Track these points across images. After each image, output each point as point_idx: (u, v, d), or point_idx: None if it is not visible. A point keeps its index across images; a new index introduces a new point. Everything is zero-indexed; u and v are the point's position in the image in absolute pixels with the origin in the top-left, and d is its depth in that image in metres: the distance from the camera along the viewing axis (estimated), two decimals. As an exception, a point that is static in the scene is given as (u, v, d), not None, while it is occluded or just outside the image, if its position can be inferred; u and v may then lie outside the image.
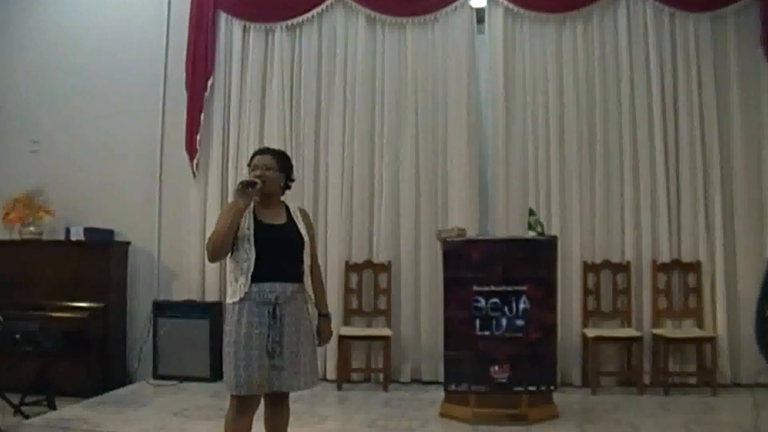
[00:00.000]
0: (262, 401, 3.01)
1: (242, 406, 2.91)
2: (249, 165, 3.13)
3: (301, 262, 3.05)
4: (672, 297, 5.60)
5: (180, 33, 6.14)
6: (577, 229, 5.68)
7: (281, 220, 3.08)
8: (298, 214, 3.17)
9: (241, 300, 2.90)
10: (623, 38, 5.76)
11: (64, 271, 5.65)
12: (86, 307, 5.57)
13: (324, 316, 3.20)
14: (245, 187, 2.95)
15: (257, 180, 2.98)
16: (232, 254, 2.97)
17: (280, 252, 2.98)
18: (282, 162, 3.14)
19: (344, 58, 6.03)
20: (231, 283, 2.97)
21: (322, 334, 3.17)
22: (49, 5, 6.51)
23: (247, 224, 2.97)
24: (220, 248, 2.94)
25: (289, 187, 3.22)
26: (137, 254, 6.11)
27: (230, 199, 3.23)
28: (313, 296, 3.18)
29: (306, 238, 3.08)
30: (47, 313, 5.40)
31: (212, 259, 3.05)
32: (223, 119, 6.11)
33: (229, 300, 2.96)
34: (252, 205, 3.02)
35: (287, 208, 3.14)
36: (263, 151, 3.17)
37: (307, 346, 3.00)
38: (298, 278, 3.03)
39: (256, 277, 2.91)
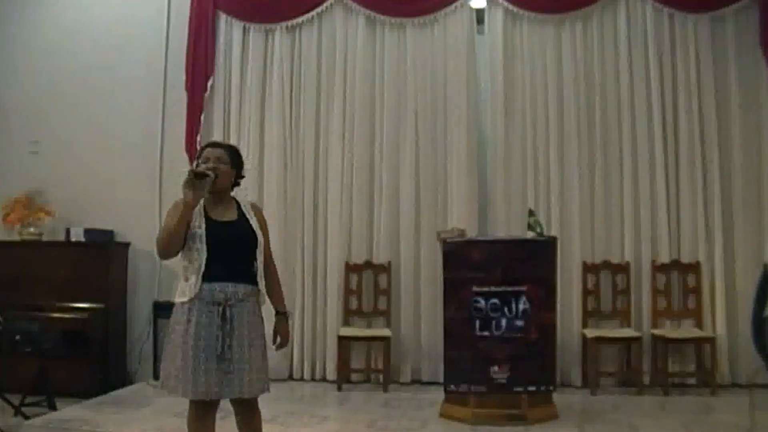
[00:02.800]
0: (228, 403, 2.90)
1: (199, 409, 2.81)
2: (198, 158, 2.96)
3: (254, 261, 2.90)
4: (671, 297, 5.61)
5: (180, 33, 6.14)
6: (577, 230, 5.68)
7: (232, 216, 2.93)
8: (250, 209, 3.01)
9: (191, 300, 2.79)
10: (622, 39, 5.77)
11: (64, 271, 5.64)
12: (86, 307, 5.57)
13: (282, 314, 3.03)
14: (196, 177, 2.75)
15: (209, 172, 2.81)
16: (183, 252, 2.85)
17: (232, 251, 2.85)
18: (234, 157, 2.99)
19: (344, 58, 6.03)
20: (181, 282, 2.87)
21: (281, 335, 3.00)
22: (48, 5, 6.50)
23: (198, 222, 2.83)
24: (169, 245, 2.80)
25: (238, 184, 3.06)
26: (137, 255, 6.10)
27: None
28: (266, 297, 2.99)
29: (259, 235, 2.93)
30: (47, 313, 5.40)
31: (163, 256, 2.88)
32: (223, 120, 6.11)
33: (177, 299, 2.86)
34: (202, 201, 2.85)
35: (238, 204, 2.99)
36: (215, 145, 3.04)
37: (258, 350, 2.86)
38: (252, 279, 2.88)
39: (207, 277, 2.79)
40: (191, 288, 2.80)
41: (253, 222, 2.96)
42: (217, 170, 2.85)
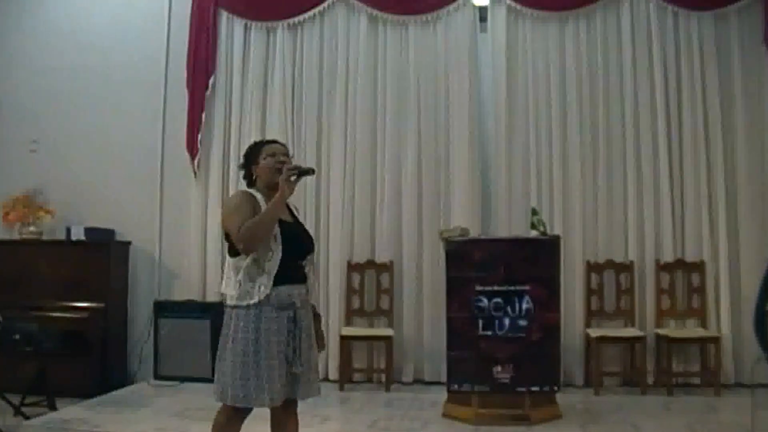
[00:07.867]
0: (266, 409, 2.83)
1: (239, 415, 2.75)
2: (258, 153, 2.84)
3: (307, 262, 2.88)
4: (675, 297, 5.58)
5: (181, 32, 6.12)
6: (580, 229, 5.65)
7: (288, 216, 2.86)
8: (294, 209, 2.99)
9: (259, 303, 2.66)
10: (626, 37, 5.74)
11: (64, 271, 5.63)
12: (86, 307, 5.55)
13: (318, 315, 3.00)
14: (301, 175, 2.69)
15: (313, 168, 2.80)
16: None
17: (298, 252, 2.80)
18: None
19: (346, 56, 6.00)
20: (241, 283, 2.67)
21: (320, 337, 2.97)
22: (49, 4, 6.48)
23: None
24: (261, 239, 2.64)
25: None
26: (138, 254, 6.09)
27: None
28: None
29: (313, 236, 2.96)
30: (47, 313, 5.38)
31: (249, 251, 2.65)
32: (224, 118, 6.09)
33: (240, 302, 2.67)
34: (259, 198, 2.76)
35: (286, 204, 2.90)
36: (275, 141, 2.97)
37: (315, 351, 2.86)
38: (306, 279, 2.84)
39: (277, 279, 2.68)
40: (260, 290, 2.66)
41: (304, 222, 2.97)
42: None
